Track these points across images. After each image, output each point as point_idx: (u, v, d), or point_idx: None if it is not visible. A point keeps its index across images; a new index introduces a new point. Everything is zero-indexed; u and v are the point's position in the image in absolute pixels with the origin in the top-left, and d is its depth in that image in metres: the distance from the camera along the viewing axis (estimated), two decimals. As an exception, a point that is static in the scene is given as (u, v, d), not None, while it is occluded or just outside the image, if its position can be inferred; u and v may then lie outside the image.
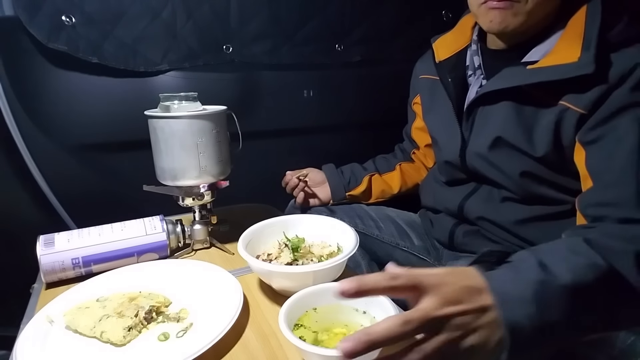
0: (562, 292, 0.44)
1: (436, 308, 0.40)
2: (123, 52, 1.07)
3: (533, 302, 0.43)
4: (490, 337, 0.41)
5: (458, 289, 0.42)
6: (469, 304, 0.41)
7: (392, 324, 0.38)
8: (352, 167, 1.06)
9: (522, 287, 0.44)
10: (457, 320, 0.40)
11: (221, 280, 0.65)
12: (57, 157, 1.10)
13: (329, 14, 1.25)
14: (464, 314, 0.41)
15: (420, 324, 0.39)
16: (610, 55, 0.63)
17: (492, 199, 0.79)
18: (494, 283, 0.43)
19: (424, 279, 0.41)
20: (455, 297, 0.41)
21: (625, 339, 0.70)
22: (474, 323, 0.41)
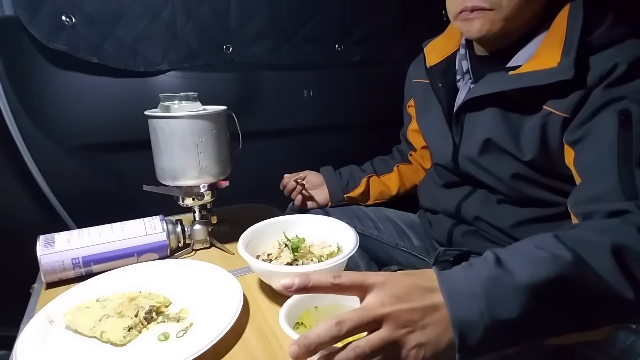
0: (517, 288, 0.41)
1: (378, 306, 0.39)
2: (123, 52, 1.07)
3: (483, 299, 0.40)
4: (440, 337, 0.39)
5: (406, 287, 0.40)
6: (417, 302, 0.40)
7: (326, 326, 0.37)
8: (350, 169, 1.06)
9: (472, 284, 0.41)
10: (402, 319, 0.39)
11: (221, 280, 0.65)
12: (57, 157, 1.10)
13: (329, 14, 1.25)
14: (411, 312, 0.39)
15: (357, 322, 0.38)
16: (591, 58, 0.63)
17: (489, 201, 0.79)
18: (444, 280, 0.41)
19: (370, 277, 0.41)
20: (401, 294, 0.40)
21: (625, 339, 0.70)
22: (422, 321, 0.39)
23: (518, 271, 0.42)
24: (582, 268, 0.44)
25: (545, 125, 0.67)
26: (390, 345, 0.38)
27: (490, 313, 0.39)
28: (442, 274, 0.42)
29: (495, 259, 0.44)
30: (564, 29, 0.65)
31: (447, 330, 0.39)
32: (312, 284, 0.40)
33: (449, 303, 0.40)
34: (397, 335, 0.38)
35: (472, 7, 0.67)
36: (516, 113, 0.70)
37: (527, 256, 0.44)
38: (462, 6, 0.69)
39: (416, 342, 0.39)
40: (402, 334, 0.39)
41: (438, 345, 0.39)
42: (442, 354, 0.39)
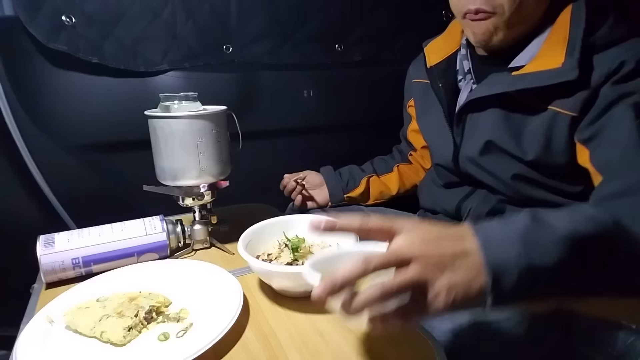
0: (555, 238, 0.40)
1: (407, 247, 0.38)
2: (123, 52, 1.07)
3: (519, 244, 0.39)
4: (471, 281, 0.38)
5: (437, 232, 0.40)
6: (447, 246, 0.39)
7: (352, 264, 0.37)
8: (350, 169, 1.06)
9: (509, 232, 0.40)
10: (431, 260, 0.38)
11: (221, 280, 0.65)
12: (57, 157, 1.10)
13: (329, 14, 1.25)
14: (441, 254, 0.38)
15: (384, 261, 0.37)
16: (594, 58, 0.63)
17: (489, 201, 0.79)
18: (479, 228, 0.40)
19: (399, 222, 0.40)
20: (432, 238, 0.39)
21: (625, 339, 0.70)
22: (452, 264, 0.38)
23: (557, 223, 0.41)
24: (621, 231, 0.43)
25: (551, 125, 0.66)
26: (418, 285, 0.37)
27: (526, 258, 0.38)
28: (477, 224, 0.41)
29: (532, 215, 0.43)
30: (567, 30, 0.65)
31: (479, 274, 0.38)
32: (339, 224, 0.40)
33: (483, 246, 0.39)
34: (426, 276, 0.38)
35: (476, 9, 0.67)
36: (519, 114, 0.70)
37: (567, 213, 0.44)
38: (466, 8, 0.69)
39: (446, 284, 0.38)
40: (431, 275, 0.38)
41: (469, 289, 0.38)
42: (472, 299, 0.38)
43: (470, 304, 0.39)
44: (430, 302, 0.38)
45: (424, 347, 0.53)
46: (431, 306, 0.38)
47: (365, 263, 0.37)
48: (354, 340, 0.55)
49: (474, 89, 0.76)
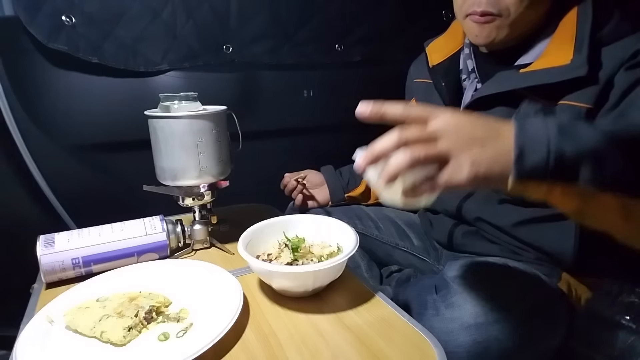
0: (590, 131, 0.42)
1: (441, 123, 0.41)
2: (123, 52, 1.07)
3: (555, 128, 0.41)
4: (497, 158, 0.41)
5: (474, 118, 0.42)
6: (481, 127, 0.42)
7: (389, 135, 0.41)
8: (350, 169, 1.06)
9: (547, 120, 0.43)
10: (463, 135, 0.41)
11: (221, 280, 0.65)
12: (57, 157, 1.10)
13: (329, 14, 1.25)
14: (473, 132, 0.41)
15: (419, 132, 0.41)
16: (603, 52, 0.63)
17: (490, 200, 0.79)
18: (518, 116, 0.45)
19: (438, 109, 0.43)
20: (467, 121, 0.42)
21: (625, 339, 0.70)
22: (482, 141, 0.41)
23: (600, 124, 0.45)
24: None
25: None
26: (446, 155, 0.40)
27: (557, 141, 0.41)
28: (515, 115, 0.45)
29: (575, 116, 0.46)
30: (574, 27, 0.66)
31: (506, 155, 0.41)
32: (383, 110, 0.44)
33: (518, 127, 0.42)
34: (455, 147, 0.41)
35: (482, 11, 0.67)
36: None
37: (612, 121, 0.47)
38: (472, 9, 0.69)
39: (473, 158, 0.40)
40: (460, 147, 0.41)
41: (494, 165, 0.41)
42: (495, 177, 0.41)
43: (493, 180, 0.42)
44: (453, 172, 0.41)
45: (424, 347, 0.53)
46: (455, 177, 0.41)
47: (400, 133, 0.41)
48: (354, 340, 0.55)
49: (481, 87, 0.76)
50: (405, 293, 0.78)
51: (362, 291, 0.65)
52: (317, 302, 0.63)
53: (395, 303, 0.63)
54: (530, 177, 0.41)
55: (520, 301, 0.65)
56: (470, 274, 0.67)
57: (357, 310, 0.61)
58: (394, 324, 0.58)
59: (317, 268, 0.59)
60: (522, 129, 0.42)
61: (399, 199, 0.44)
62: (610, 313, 0.76)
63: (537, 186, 0.43)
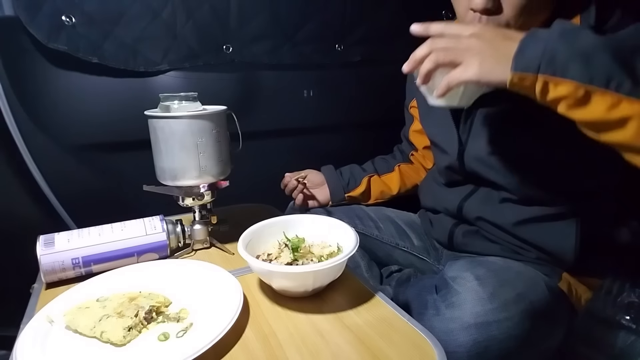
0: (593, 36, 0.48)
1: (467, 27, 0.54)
2: (123, 52, 1.07)
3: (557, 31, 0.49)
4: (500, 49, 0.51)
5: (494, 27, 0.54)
6: (501, 31, 0.53)
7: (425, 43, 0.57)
8: (351, 169, 1.06)
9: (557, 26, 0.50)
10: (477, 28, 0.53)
11: (221, 280, 0.65)
12: (57, 157, 1.10)
13: (329, 14, 1.25)
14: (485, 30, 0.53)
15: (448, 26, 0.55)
16: None
17: (491, 200, 0.79)
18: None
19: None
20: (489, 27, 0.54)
21: (625, 338, 0.70)
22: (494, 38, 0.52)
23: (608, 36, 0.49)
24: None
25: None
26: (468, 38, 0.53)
27: (555, 40, 0.48)
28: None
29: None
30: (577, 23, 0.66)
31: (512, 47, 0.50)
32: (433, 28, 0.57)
33: (529, 31, 0.51)
34: (476, 35, 0.53)
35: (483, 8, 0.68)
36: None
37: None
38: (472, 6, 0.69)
39: (481, 57, 0.52)
40: (479, 38, 0.53)
41: (499, 60, 0.51)
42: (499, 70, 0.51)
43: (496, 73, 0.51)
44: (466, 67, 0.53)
45: (424, 347, 0.53)
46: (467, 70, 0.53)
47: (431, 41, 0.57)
48: (354, 340, 0.55)
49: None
50: (406, 293, 0.78)
51: (362, 291, 0.66)
52: (317, 302, 0.63)
53: (395, 303, 0.63)
54: (525, 70, 0.49)
55: (520, 301, 0.65)
56: (470, 274, 0.67)
57: (357, 310, 0.61)
58: (394, 324, 0.58)
59: (317, 268, 0.59)
60: (530, 33, 0.50)
61: (437, 97, 0.58)
62: (610, 313, 0.76)
63: (532, 82, 0.50)
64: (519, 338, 0.62)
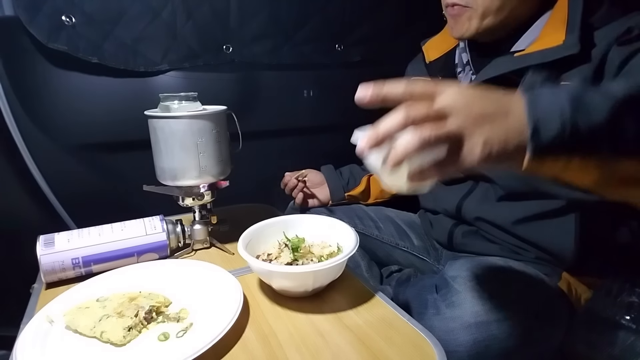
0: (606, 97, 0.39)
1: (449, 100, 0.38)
2: (123, 52, 1.07)
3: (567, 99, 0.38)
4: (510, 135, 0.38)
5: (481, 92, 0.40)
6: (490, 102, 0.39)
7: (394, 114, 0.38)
8: (350, 168, 1.06)
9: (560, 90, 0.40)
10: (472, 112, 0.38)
11: (221, 280, 0.65)
12: (57, 157, 1.10)
13: (329, 14, 1.25)
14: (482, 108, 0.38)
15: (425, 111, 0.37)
16: (595, 35, 0.64)
17: (489, 198, 0.79)
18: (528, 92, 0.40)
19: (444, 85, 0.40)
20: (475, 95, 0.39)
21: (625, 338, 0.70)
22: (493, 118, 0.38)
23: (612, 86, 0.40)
24: None
25: None
26: (456, 135, 0.38)
27: (572, 113, 0.38)
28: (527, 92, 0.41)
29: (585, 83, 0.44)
30: (565, 13, 0.67)
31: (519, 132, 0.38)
32: (385, 91, 0.40)
33: (529, 101, 0.39)
34: (465, 126, 0.38)
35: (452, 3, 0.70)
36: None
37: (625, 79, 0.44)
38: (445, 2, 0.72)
39: (484, 138, 0.38)
40: (471, 128, 0.38)
41: (507, 143, 0.38)
42: (509, 155, 0.38)
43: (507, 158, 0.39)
44: (467, 155, 0.38)
45: (424, 347, 0.53)
46: (467, 159, 0.38)
47: (406, 111, 0.37)
48: (354, 340, 0.55)
49: (480, 73, 0.76)
50: (406, 293, 0.78)
51: (362, 291, 0.66)
52: (317, 302, 0.63)
53: (395, 303, 0.63)
54: (548, 152, 0.39)
55: (520, 300, 0.65)
56: (470, 274, 0.67)
57: (357, 310, 0.61)
58: (394, 324, 0.58)
59: (317, 268, 0.59)
60: (533, 102, 0.39)
61: (404, 183, 0.41)
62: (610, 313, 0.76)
63: (553, 162, 0.40)
64: (519, 337, 0.62)
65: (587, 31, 0.64)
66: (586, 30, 0.64)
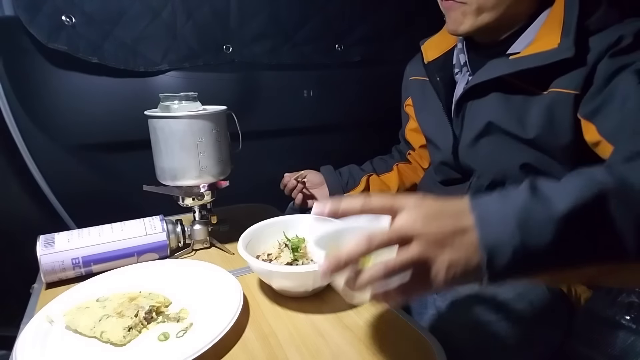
0: (552, 216, 0.38)
1: (410, 224, 0.39)
2: (123, 52, 1.07)
3: (514, 223, 0.38)
4: (469, 258, 0.38)
5: (437, 208, 0.40)
6: (448, 223, 0.39)
7: (356, 242, 0.38)
8: (350, 168, 1.06)
9: (505, 209, 0.39)
10: (432, 238, 0.38)
11: (221, 280, 0.65)
12: (57, 157, 1.10)
13: (329, 14, 1.25)
14: (442, 232, 0.38)
15: (387, 239, 0.38)
16: (590, 39, 0.64)
17: None
18: (477, 204, 0.40)
19: (401, 199, 0.40)
20: (432, 214, 0.39)
21: (625, 338, 0.70)
22: (452, 241, 0.38)
23: (555, 199, 0.39)
24: (627, 191, 0.40)
25: (553, 107, 0.67)
26: (420, 263, 0.38)
27: (521, 238, 0.38)
28: (475, 198, 0.41)
29: (530, 187, 0.41)
30: (561, 16, 0.66)
31: (477, 251, 0.38)
32: (342, 209, 0.41)
33: (479, 224, 0.39)
34: (427, 253, 0.38)
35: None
36: (520, 98, 0.70)
37: (567, 183, 0.41)
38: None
39: (447, 262, 0.38)
40: (433, 253, 0.38)
41: (468, 265, 0.38)
42: (470, 276, 0.39)
43: (469, 280, 0.39)
44: (432, 279, 0.39)
45: (424, 347, 0.53)
46: (432, 283, 0.39)
47: (369, 241, 0.38)
48: (354, 340, 0.55)
49: (475, 75, 0.76)
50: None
51: (362, 291, 0.65)
52: (317, 302, 0.63)
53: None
54: (506, 276, 0.39)
55: (520, 300, 0.65)
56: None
57: (357, 310, 0.61)
58: (394, 324, 0.58)
59: (317, 268, 0.59)
60: (483, 226, 0.39)
61: (367, 299, 0.41)
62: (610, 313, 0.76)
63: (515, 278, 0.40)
64: (519, 337, 0.62)
65: (582, 35, 0.64)
66: (582, 33, 0.64)
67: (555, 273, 0.41)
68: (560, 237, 0.38)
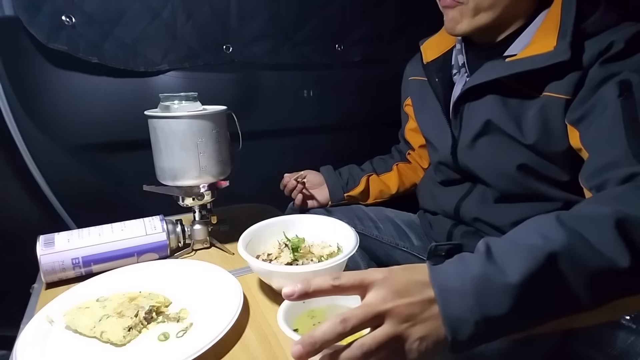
0: (506, 287, 0.39)
1: (381, 302, 0.40)
2: (123, 52, 1.07)
3: (473, 297, 0.39)
4: (439, 329, 0.40)
5: (405, 282, 0.41)
6: (416, 296, 0.40)
7: (330, 324, 0.38)
8: (349, 169, 1.06)
9: (463, 281, 0.40)
10: (403, 313, 0.39)
11: (221, 280, 0.65)
12: (57, 157, 1.10)
13: (329, 14, 1.25)
14: (411, 306, 0.40)
15: (361, 319, 0.39)
16: (586, 43, 0.64)
17: (487, 200, 0.79)
18: (436, 276, 0.41)
19: (369, 275, 0.41)
20: (401, 289, 0.40)
21: (625, 338, 0.70)
22: (422, 315, 0.40)
23: (508, 268, 0.40)
24: (577, 247, 0.41)
25: (547, 110, 0.67)
26: (394, 339, 0.39)
27: (481, 310, 0.39)
28: (434, 270, 0.42)
29: (486, 252, 0.43)
30: (558, 18, 0.66)
31: (443, 324, 0.40)
32: (312, 289, 0.41)
33: (439, 300, 0.40)
34: (400, 329, 0.39)
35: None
36: (516, 101, 0.71)
37: (519, 248, 0.42)
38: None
39: (418, 335, 0.39)
40: (405, 328, 0.39)
41: (438, 337, 0.40)
42: (443, 345, 0.40)
43: (442, 349, 0.40)
44: (407, 353, 0.40)
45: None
46: (407, 356, 0.40)
47: (343, 323, 0.38)
48: (354, 340, 0.55)
49: (471, 78, 0.76)
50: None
51: (362, 291, 0.65)
52: (317, 302, 0.63)
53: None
54: (473, 345, 0.40)
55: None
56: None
57: (357, 310, 0.61)
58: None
59: (317, 268, 0.59)
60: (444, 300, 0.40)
61: None
62: (610, 313, 0.76)
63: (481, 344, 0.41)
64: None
65: (579, 38, 0.63)
66: (578, 36, 0.63)
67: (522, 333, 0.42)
68: (517, 305, 0.39)
